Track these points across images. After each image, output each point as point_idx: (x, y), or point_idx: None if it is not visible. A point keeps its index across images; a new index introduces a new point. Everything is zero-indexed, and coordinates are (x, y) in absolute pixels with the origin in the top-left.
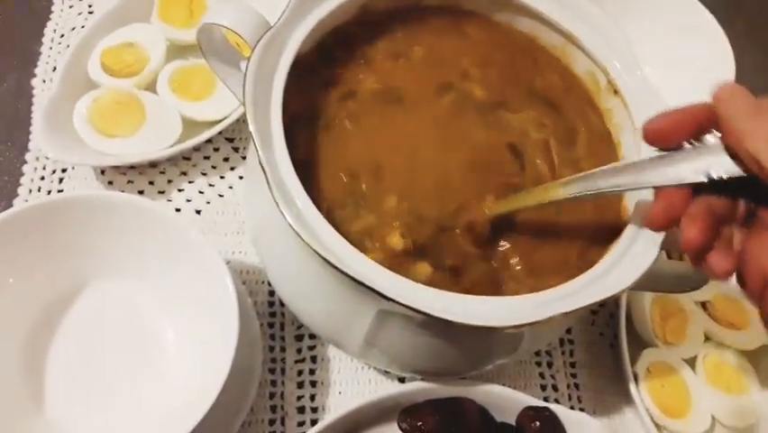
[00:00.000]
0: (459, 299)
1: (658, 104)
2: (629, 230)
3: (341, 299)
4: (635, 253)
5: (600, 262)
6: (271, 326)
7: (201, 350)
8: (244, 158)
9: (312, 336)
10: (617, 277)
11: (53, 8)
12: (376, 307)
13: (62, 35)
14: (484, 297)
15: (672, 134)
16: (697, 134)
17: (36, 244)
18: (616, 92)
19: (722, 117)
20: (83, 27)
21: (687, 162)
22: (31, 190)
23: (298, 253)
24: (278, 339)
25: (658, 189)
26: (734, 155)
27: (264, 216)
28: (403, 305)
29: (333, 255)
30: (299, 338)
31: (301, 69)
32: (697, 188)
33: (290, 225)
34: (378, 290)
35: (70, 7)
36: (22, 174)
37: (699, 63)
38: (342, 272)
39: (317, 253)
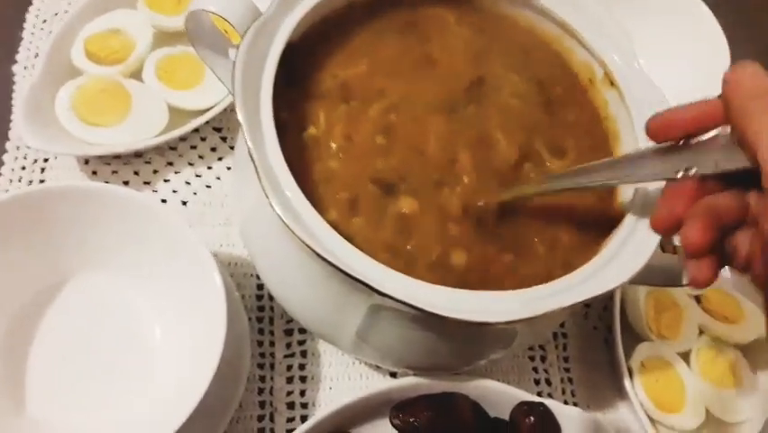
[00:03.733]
0: (453, 294)
1: (656, 95)
2: (626, 223)
3: (331, 292)
4: (632, 247)
5: (596, 256)
6: (260, 320)
7: (188, 345)
8: (232, 148)
9: (302, 331)
10: (613, 272)
11: None
12: (368, 301)
13: (44, 20)
14: (478, 291)
15: (673, 128)
16: (704, 130)
17: (18, 235)
18: (612, 84)
19: (726, 101)
20: (66, 12)
21: (676, 157)
22: (11, 180)
23: (287, 245)
24: (266, 333)
25: (664, 191)
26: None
27: (252, 207)
28: (396, 300)
29: (324, 248)
30: (289, 332)
31: (292, 57)
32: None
33: (279, 217)
34: (370, 284)
35: None
36: (3, 164)
37: (693, 54)
38: (333, 265)
39: (307, 245)
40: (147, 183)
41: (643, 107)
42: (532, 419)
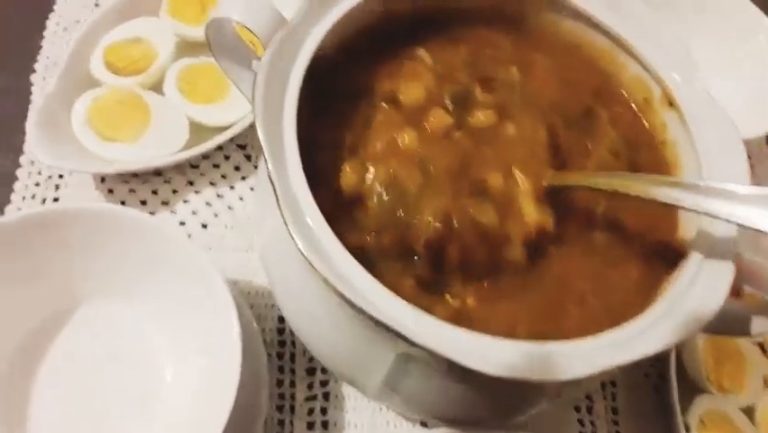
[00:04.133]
0: (493, 344)
1: (721, 120)
2: (689, 264)
3: (356, 336)
4: (699, 293)
5: (657, 302)
6: (280, 357)
7: (202, 381)
8: (257, 167)
9: (325, 371)
10: (678, 320)
11: None
12: (396, 348)
13: (65, 29)
14: (524, 342)
15: None
16: None
17: (27, 257)
18: (671, 104)
19: None
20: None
21: None
22: (24, 197)
23: (309, 280)
24: (287, 372)
25: None
26: None
27: (272, 233)
28: (430, 351)
29: (349, 287)
30: (311, 372)
31: (320, 72)
32: None
33: (300, 250)
34: (400, 331)
35: None
36: (16, 179)
37: (756, 73)
38: (359, 308)
39: (330, 285)
40: (165, 204)
41: (707, 132)
42: None
